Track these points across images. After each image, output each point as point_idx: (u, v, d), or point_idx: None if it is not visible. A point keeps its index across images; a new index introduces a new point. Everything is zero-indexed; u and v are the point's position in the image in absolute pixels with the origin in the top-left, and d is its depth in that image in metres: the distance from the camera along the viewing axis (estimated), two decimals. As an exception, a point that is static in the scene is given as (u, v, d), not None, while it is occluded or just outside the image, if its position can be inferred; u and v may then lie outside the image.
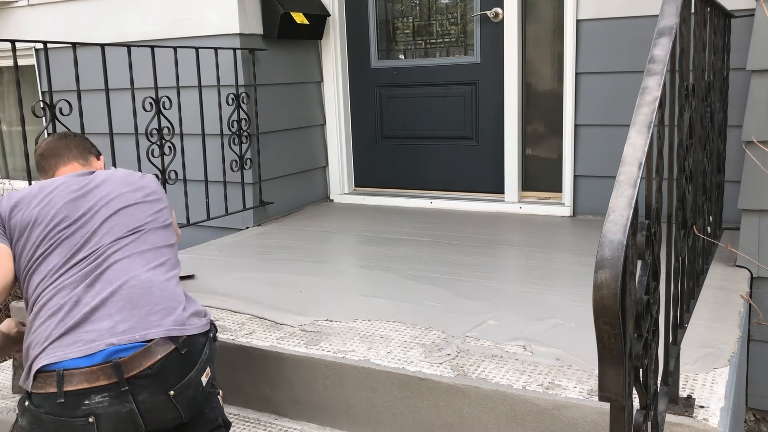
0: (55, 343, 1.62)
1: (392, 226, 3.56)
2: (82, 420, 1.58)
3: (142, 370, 1.62)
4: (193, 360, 1.70)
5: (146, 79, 3.24)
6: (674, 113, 1.50)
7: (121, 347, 1.62)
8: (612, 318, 1.01)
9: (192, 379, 1.69)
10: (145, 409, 1.63)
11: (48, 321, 1.67)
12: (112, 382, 1.59)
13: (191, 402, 1.71)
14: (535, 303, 2.35)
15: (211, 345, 1.78)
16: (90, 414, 1.59)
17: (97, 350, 1.61)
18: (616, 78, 3.36)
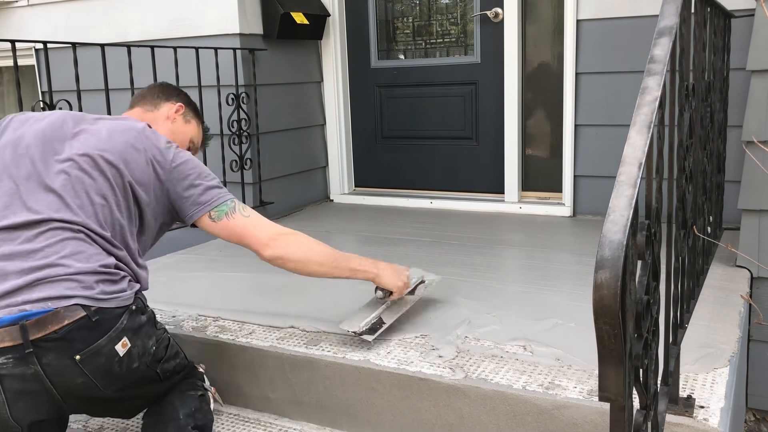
0: None
1: (392, 226, 3.56)
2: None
3: (48, 333, 1.61)
4: (104, 328, 1.68)
5: (146, 79, 3.24)
6: (674, 113, 1.50)
7: (30, 312, 1.61)
8: (612, 318, 1.01)
9: (102, 346, 1.67)
10: (51, 372, 1.62)
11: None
12: (17, 344, 1.59)
13: (105, 370, 1.68)
14: (535, 303, 2.35)
15: (131, 316, 1.74)
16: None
17: (10, 314, 1.61)
18: (616, 78, 3.36)
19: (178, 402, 1.88)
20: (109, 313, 1.70)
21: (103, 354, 1.68)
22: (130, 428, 2.11)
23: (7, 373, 1.60)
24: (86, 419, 2.17)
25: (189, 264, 3.03)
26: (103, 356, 1.68)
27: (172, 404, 1.88)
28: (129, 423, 2.13)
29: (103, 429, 2.12)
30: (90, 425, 2.14)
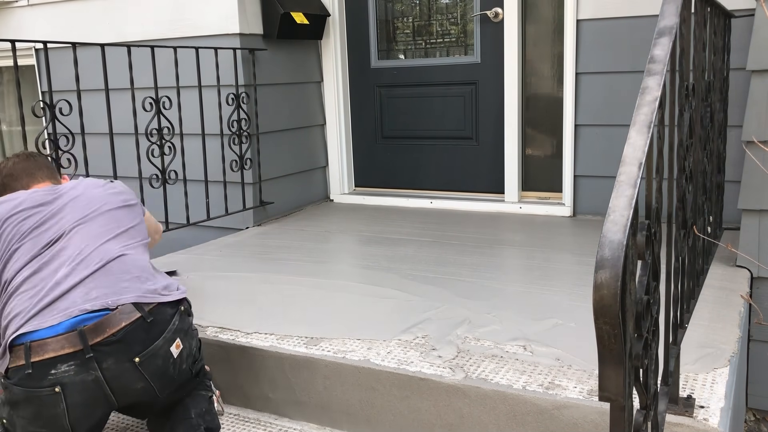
0: (31, 319, 1.67)
1: (392, 226, 3.56)
2: (48, 390, 1.62)
3: (107, 336, 1.65)
4: (159, 329, 1.73)
5: (146, 79, 3.24)
6: (674, 113, 1.50)
7: (86, 316, 1.66)
8: (612, 318, 1.01)
9: (159, 348, 1.72)
10: (110, 377, 1.66)
11: (23, 299, 1.71)
12: (77, 350, 1.63)
13: (161, 373, 1.73)
14: (535, 303, 2.35)
15: (182, 317, 1.80)
16: (56, 383, 1.62)
17: (70, 317, 1.65)
18: (617, 78, 3.36)
19: (189, 401, 1.89)
20: (162, 314, 1.75)
21: (160, 356, 1.72)
22: (130, 428, 2.11)
23: (69, 381, 1.64)
24: (86, 419, 2.17)
25: (189, 264, 3.02)
26: (160, 358, 1.72)
27: (183, 402, 1.88)
28: (129, 422, 2.13)
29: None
30: (90, 425, 2.14)
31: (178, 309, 1.81)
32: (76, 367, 1.63)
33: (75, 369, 1.63)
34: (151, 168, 3.15)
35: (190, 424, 1.85)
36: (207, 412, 1.91)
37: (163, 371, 1.74)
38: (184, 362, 1.80)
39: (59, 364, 1.62)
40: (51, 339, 1.63)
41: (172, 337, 1.76)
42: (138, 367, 1.69)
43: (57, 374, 1.62)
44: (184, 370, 1.81)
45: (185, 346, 1.80)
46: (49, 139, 2.73)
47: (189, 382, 1.88)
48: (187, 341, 1.82)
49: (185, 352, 1.80)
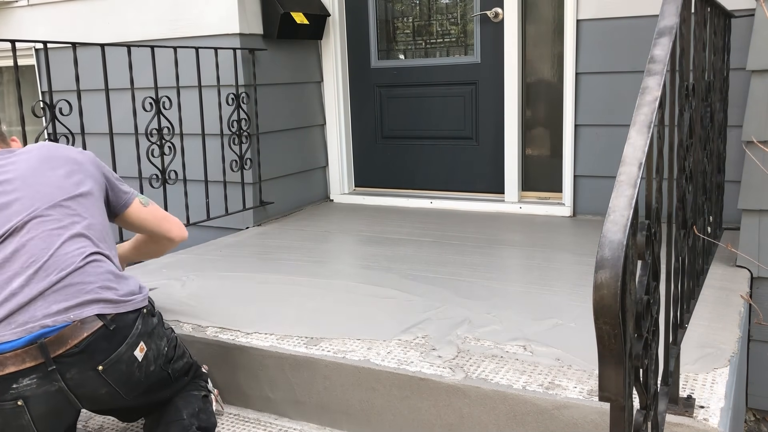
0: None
1: (392, 226, 3.56)
2: (11, 404, 1.59)
3: (68, 348, 1.61)
4: (122, 335, 1.70)
5: (146, 79, 3.24)
6: (674, 113, 1.50)
7: (49, 329, 1.61)
8: (612, 318, 1.01)
9: (122, 354, 1.69)
10: (74, 385, 1.63)
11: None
12: (39, 363, 1.59)
13: (126, 378, 1.71)
14: (535, 303, 2.35)
15: (144, 320, 1.76)
16: (18, 397, 1.59)
17: (31, 333, 1.60)
18: (616, 78, 3.36)
19: (181, 402, 1.89)
20: (124, 320, 1.71)
21: (124, 361, 1.70)
22: (130, 429, 2.11)
23: (32, 394, 1.60)
24: (86, 419, 2.17)
25: (189, 264, 3.02)
26: (123, 363, 1.70)
27: (175, 404, 1.88)
28: (128, 423, 2.13)
29: (102, 429, 2.12)
30: (90, 425, 2.14)
31: (140, 312, 1.76)
32: (39, 380, 1.60)
33: (37, 382, 1.60)
34: (151, 168, 3.15)
35: (182, 425, 1.84)
36: (201, 411, 1.90)
37: (128, 376, 1.71)
38: (152, 364, 1.77)
39: (21, 378, 1.58)
40: (10, 353, 1.57)
41: (135, 341, 1.72)
42: (102, 374, 1.66)
43: (19, 388, 1.58)
44: (153, 371, 1.78)
45: (151, 348, 1.77)
46: (49, 139, 2.73)
47: (171, 382, 1.87)
48: (154, 342, 1.78)
49: (152, 354, 1.77)
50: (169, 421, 1.85)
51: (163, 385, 1.85)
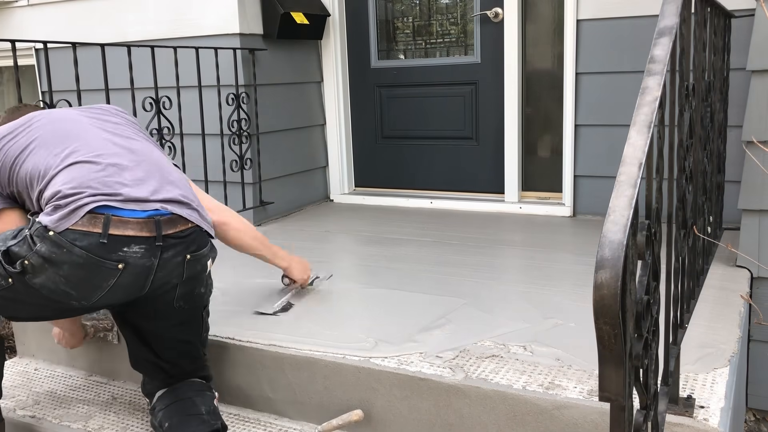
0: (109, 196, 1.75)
1: (392, 226, 3.56)
2: (112, 263, 1.73)
3: (177, 231, 1.81)
4: (205, 241, 1.91)
5: (146, 79, 3.24)
6: (674, 113, 1.50)
7: (165, 212, 1.80)
8: (612, 318, 1.01)
9: (203, 254, 1.89)
10: (160, 266, 1.79)
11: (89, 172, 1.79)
12: (151, 236, 1.76)
13: (194, 279, 1.90)
14: (535, 303, 2.35)
15: (212, 246, 1.96)
16: (122, 261, 1.73)
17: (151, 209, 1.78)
18: (616, 78, 3.36)
19: (199, 399, 1.94)
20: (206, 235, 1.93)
21: (201, 263, 1.90)
22: (130, 428, 2.11)
23: (133, 262, 1.75)
24: (86, 420, 2.17)
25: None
26: (200, 264, 1.89)
27: (192, 399, 1.93)
28: (129, 423, 2.14)
29: (102, 429, 2.12)
30: (90, 425, 2.14)
31: (211, 240, 1.96)
32: (144, 251, 1.75)
33: (142, 252, 1.75)
34: (151, 168, 3.14)
35: (201, 420, 1.89)
36: (214, 410, 1.95)
37: (195, 279, 1.89)
38: (204, 286, 1.95)
39: (132, 245, 1.73)
40: (132, 219, 1.74)
41: (209, 254, 1.93)
42: (186, 264, 1.83)
43: (127, 253, 1.73)
44: (201, 295, 1.95)
45: (210, 275, 1.98)
46: (49, 139, 2.72)
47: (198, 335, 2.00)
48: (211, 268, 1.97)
49: (207, 277, 1.96)
50: (189, 414, 1.90)
51: (192, 329, 1.98)
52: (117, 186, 1.79)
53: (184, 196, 1.89)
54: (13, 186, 1.93)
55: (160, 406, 1.95)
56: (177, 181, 1.92)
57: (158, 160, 1.96)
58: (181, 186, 1.92)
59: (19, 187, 1.91)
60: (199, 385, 1.99)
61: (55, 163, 1.83)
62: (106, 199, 1.74)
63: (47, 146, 1.88)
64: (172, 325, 1.94)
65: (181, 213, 1.82)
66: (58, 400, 2.31)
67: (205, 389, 1.98)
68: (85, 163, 1.82)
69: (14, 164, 1.91)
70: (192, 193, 1.95)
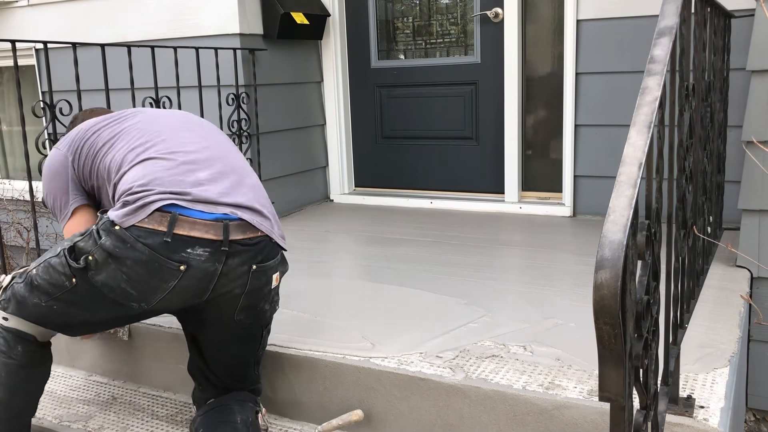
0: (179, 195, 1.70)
1: (393, 226, 3.56)
2: (174, 264, 1.67)
3: (245, 238, 1.73)
4: (274, 252, 1.83)
5: (146, 79, 3.24)
6: (674, 113, 1.50)
7: (234, 216, 1.73)
8: (612, 318, 1.01)
9: (270, 266, 1.81)
10: (224, 273, 1.72)
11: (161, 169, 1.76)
12: (217, 239, 1.69)
13: (257, 292, 1.80)
14: (535, 303, 2.35)
15: (282, 259, 1.90)
16: (184, 262, 1.67)
17: (220, 213, 1.72)
18: (616, 78, 3.36)
19: (237, 407, 1.89)
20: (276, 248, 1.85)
21: (267, 275, 1.81)
22: (130, 428, 2.11)
23: (196, 265, 1.69)
24: (86, 420, 2.17)
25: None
26: (265, 276, 1.81)
27: (230, 407, 1.89)
28: (129, 423, 2.14)
29: (102, 429, 2.12)
30: (90, 425, 2.14)
31: (282, 252, 1.89)
32: (208, 255, 1.68)
33: (206, 256, 1.68)
34: (151, 168, 3.14)
35: (234, 428, 1.85)
36: (252, 423, 1.90)
37: (259, 290, 1.80)
38: (268, 302, 1.87)
39: (197, 246, 1.67)
40: (199, 220, 1.68)
41: (277, 267, 1.85)
42: (250, 274, 1.75)
43: (191, 255, 1.67)
44: (263, 312, 1.87)
45: (276, 291, 1.89)
46: (49, 139, 2.73)
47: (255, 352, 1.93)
48: (277, 291, 1.89)
49: (273, 295, 1.88)
50: (221, 421, 1.86)
51: (248, 346, 1.91)
52: (188, 185, 1.74)
53: (259, 202, 1.82)
54: (94, 179, 1.92)
55: (200, 413, 1.92)
56: (253, 186, 1.86)
57: (236, 161, 1.90)
58: (257, 191, 1.85)
59: (98, 180, 1.90)
60: (244, 396, 1.94)
61: (130, 158, 1.81)
62: (174, 198, 1.70)
63: (127, 140, 1.86)
64: (228, 338, 1.87)
65: (251, 220, 1.75)
66: (58, 400, 2.31)
67: (248, 400, 1.93)
68: (159, 160, 1.78)
69: (96, 157, 1.89)
70: (267, 200, 1.88)
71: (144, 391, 2.33)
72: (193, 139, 1.89)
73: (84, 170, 1.94)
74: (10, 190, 4.56)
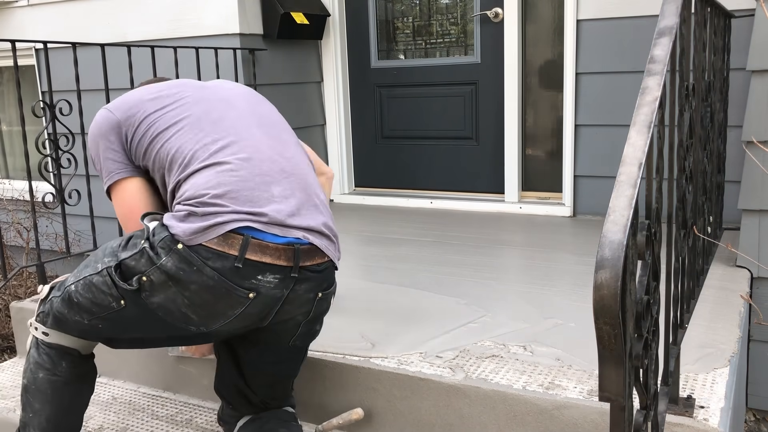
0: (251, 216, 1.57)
1: (392, 226, 3.56)
2: (243, 291, 1.56)
3: (314, 264, 1.64)
4: (334, 277, 1.76)
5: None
6: (674, 113, 1.50)
7: (304, 241, 1.63)
8: (612, 318, 1.01)
9: (331, 293, 1.75)
10: (290, 299, 1.63)
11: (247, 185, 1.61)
12: (287, 265, 1.59)
13: (318, 316, 1.74)
14: (535, 303, 2.35)
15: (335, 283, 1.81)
16: (254, 290, 1.57)
17: (291, 236, 1.60)
18: (616, 78, 3.36)
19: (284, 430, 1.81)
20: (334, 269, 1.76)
21: (328, 301, 1.74)
22: (130, 428, 2.11)
23: (265, 292, 1.58)
24: (86, 420, 2.17)
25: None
26: (327, 303, 1.74)
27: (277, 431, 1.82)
28: (129, 423, 2.13)
29: (102, 429, 2.12)
30: (90, 425, 2.14)
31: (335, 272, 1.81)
32: (277, 282, 1.58)
33: (275, 283, 1.58)
34: (151, 168, 3.15)
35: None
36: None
37: (318, 316, 1.73)
38: (320, 323, 1.80)
39: (268, 273, 1.56)
40: (272, 244, 1.56)
41: (334, 292, 1.78)
42: (315, 301, 1.68)
43: (261, 281, 1.57)
44: (315, 332, 1.79)
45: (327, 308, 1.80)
46: (49, 139, 2.73)
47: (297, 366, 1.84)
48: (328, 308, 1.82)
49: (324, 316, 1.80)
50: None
51: (294, 365, 1.82)
52: (263, 202, 1.60)
53: (327, 225, 1.70)
54: (149, 161, 1.72)
55: None
56: (320, 205, 1.72)
57: (306, 173, 1.74)
58: (324, 211, 1.72)
59: (155, 165, 1.71)
60: (286, 415, 1.86)
61: (202, 156, 1.63)
62: (249, 219, 1.56)
63: (196, 129, 1.68)
64: (278, 359, 1.78)
65: (320, 245, 1.65)
66: (58, 400, 2.31)
67: (291, 419, 1.86)
68: (233, 165, 1.62)
69: (156, 139, 1.69)
70: (332, 219, 1.76)
71: (144, 391, 2.33)
72: (267, 142, 1.72)
73: (138, 148, 1.73)
74: (10, 190, 4.56)
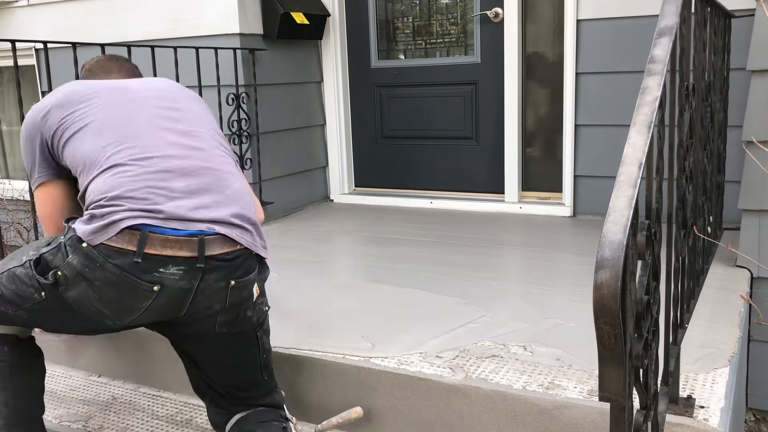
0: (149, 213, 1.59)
1: (392, 226, 3.56)
2: (147, 285, 1.58)
3: (222, 253, 1.64)
4: (254, 265, 1.74)
5: (146, 79, 3.24)
6: (674, 113, 1.50)
7: (210, 231, 1.63)
8: (612, 318, 1.01)
9: (249, 281, 1.71)
10: (200, 290, 1.63)
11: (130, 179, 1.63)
12: (192, 256, 1.60)
13: (238, 304, 1.71)
14: (535, 303, 2.35)
15: (263, 268, 1.80)
16: (158, 282, 1.59)
17: (194, 228, 1.62)
18: (616, 78, 3.36)
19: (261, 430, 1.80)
20: (254, 258, 1.75)
21: (247, 289, 1.72)
22: (130, 428, 2.11)
23: (170, 284, 1.60)
24: (86, 420, 2.17)
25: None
26: (246, 291, 1.71)
27: None
28: (129, 423, 2.14)
29: (102, 429, 2.12)
30: (90, 425, 2.14)
31: (263, 260, 1.81)
32: (183, 273, 1.60)
33: (181, 274, 1.60)
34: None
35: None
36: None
37: (237, 305, 1.71)
38: (250, 309, 1.76)
39: (170, 265, 1.58)
40: (172, 237, 1.58)
41: (256, 279, 1.75)
42: (228, 290, 1.67)
43: (164, 274, 1.58)
44: (249, 319, 1.77)
45: (260, 297, 1.78)
46: (49, 139, 2.72)
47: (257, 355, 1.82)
48: (262, 296, 1.80)
49: (257, 304, 1.78)
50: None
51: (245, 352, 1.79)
52: (161, 199, 1.62)
53: (238, 215, 1.70)
54: (66, 162, 1.76)
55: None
56: (234, 196, 1.74)
57: (218, 166, 1.77)
58: (237, 201, 1.73)
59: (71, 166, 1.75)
60: (264, 415, 1.83)
61: (100, 160, 1.66)
62: (145, 216, 1.58)
63: (99, 134, 1.70)
64: (218, 349, 1.77)
65: (229, 234, 1.65)
66: (58, 400, 2.31)
67: (271, 419, 1.82)
68: (131, 166, 1.65)
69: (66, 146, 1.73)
70: (251, 209, 1.77)
71: (144, 391, 2.33)
72: (173, 140, 1.74)
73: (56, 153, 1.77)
74: (10, 190, 4.56)
